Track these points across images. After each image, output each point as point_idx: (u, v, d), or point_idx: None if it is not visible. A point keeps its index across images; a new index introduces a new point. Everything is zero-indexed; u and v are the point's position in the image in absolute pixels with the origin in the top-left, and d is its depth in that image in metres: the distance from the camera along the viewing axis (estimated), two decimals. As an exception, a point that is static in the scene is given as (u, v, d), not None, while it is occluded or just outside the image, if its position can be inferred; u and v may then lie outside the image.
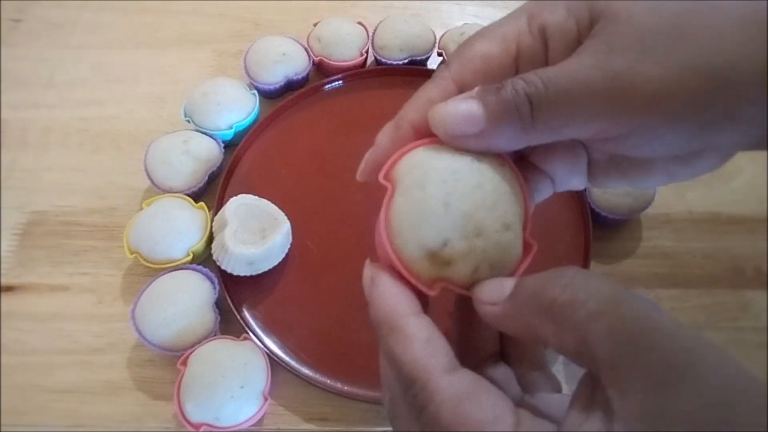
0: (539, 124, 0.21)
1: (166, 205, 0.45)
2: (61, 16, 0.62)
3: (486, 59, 0.23)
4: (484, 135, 0.22)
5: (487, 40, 0.24)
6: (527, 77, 0.21)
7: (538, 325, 0.20)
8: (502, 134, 0.22)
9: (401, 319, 0.21)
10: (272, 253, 0.44)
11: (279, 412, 0.41)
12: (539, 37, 0.23)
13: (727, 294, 0.47)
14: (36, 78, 0.58)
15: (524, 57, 0.23)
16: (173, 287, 0.42)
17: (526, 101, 0.21)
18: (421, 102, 0.24)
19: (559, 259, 0.46)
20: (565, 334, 0.19)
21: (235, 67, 0.58)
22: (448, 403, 0.19)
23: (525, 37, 0.23)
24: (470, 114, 0.21)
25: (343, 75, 0.56)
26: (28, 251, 0.48)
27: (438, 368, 0.20)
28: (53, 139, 0.54)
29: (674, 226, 0.50)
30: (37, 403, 0.41)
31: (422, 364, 0.20)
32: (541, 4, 0.23)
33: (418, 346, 0.20)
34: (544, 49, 0.23)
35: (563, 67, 0.21)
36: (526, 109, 0.21)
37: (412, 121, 0.24)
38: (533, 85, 0.21)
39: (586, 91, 0.21)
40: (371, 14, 0.62)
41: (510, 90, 0.21)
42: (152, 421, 0.41)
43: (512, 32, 0.23)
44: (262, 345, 0.42)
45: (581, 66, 0.21)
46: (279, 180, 0.50)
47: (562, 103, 0.21)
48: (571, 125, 0.21)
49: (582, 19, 0.22)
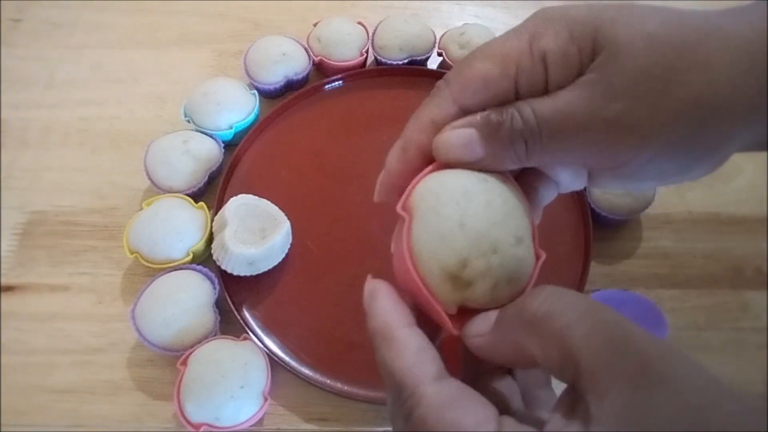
0: (533, 158, 0.23)
1: (166, 205, 0.45)
2: (61, 16, 0.62)
3: (486, 81, 0.24)
4: (484, 161, 0.24)
5: (489, 60, 0.24)
6: (524, 112, 0.23)
7: (523, 341, 0.21)
8: (500, 162, 0.24)
9: (395, 330, 0.22)
10: (272, 253, 0.44)
11: (279, 412, 0.41)
12: (540, 61, 0.23)
13: (727, 294, 0.47)
14: (36, 78, 0.58)
15: (523, 79, 0.24)
16: (173, 287, 0.42)
17: (521, 139, 0.23)
18: (424, 123, 0.25)
19: (560, 259, 0.46)
20: (548, 345, 0.20)
21: (235, 67, 0.58)
22: (433, 409, 0.20)
23: (525, 59, 0.23)
24: (469, 143, 0.23)
25: (343, 75, 0.56)
26: (28, 251, 0.48)
27: (426, 376, 0.21)
28: (53, 139, 0.54)
29: (674, 226, 0.50)
30: (37, 403, 0.41)
31: (412, 371, 0.21)
32: (544, 25, 0.24)
33: (409, 355, 0.22)
34: (543, 72, 0.23)
35: (558, 102, 0.22)
36: (521, 147, 0.23)
37: (417, 143, 0.25)
38: (528, 124, 0.23)
39: (578, 131, 0.22)
40: (371, 14, 0.62)
41: (507, 128, 0.23)
42: (152, 421, 0.41)
43: (513, 53, 0.24)
44: (262, 345, 0.42)
45: (576, 106, 0.22)
46: (279, 180, 0.50)
47: (555, 141, 0.23)
48: (563, 160, 0.23)
49: (584, 48, 0.23)
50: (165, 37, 0.61)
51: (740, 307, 0.46)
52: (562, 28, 0.23)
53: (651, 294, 0.46)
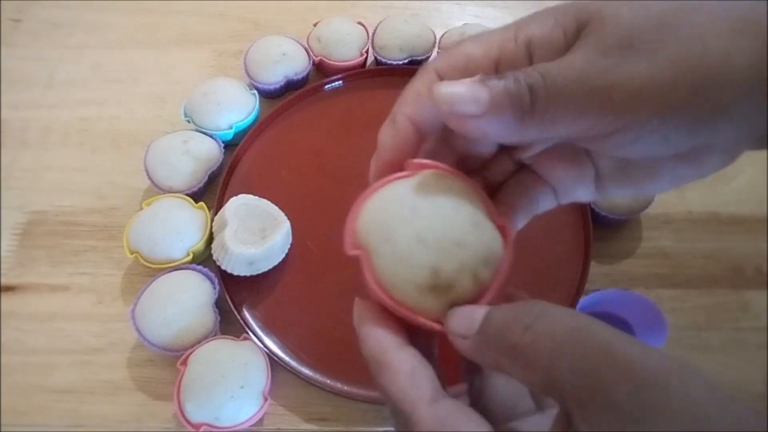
0: (537, 114, 0.22)
1: (166, 205, 0.45)
2: (61, 16, 0.62)
3: (467, 58, 0.24)
4: (485, 118, 0.22)
5: (474, 43, 0.25)
6: (527, 70, 0.22)
7: (505, 364, 0.20)
8: (500, 120, 0.22)
9: (386, 354, 0.22)
10: (272, 253, 0.44)
11: (279, 412, 0.41)
12: (523, 47, 0.24)
13: (727, 294, 0.47)
14: (36, 78, 0.58)
15: (505, 61, 0.24)
16: (173, 287, 0.42)
17: (527, 91, 0.22)
18: (411, 95, 0.25)
19: (559, 259, 0.46)
20: (530, 374, 0.19)
21: (235, 67, 0.58)
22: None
23: (509, 44, 0.24)
24: (475, 95, 0.22)
25: (343, 75, 0.56)
26: (28, 251, 0.48)
27: (421, 399, 0.21)
28: (53, 139, 0.54)
29: (674, 226, 0.50)
30: (37, 403, 0.41)
31: (407, 395, 0.21)
32: (531, 18, 0.24)
33: (402, 379, 0.22)
34: (527, 57, 0.24)
35: (558, 63, 0.22)
36: (527, 98, 0.22)
37: (406, 114, 0.25)
38: (533, 77, 0.22)
39: (578, 86, 0.21)
40: (371, 14, 0.62)
41: (512, 79, 0.22)
42: (152, 421, 0.41)
43: (497, 39, 0.24)
44: (262, 345, 0.42)
45: (573, 64, 0.22)
46: (279, 180, 0.50)
47: (558, 96, 0.22)
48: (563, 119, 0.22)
49: (569, 29, 0.23)
50: (165, 37, 0.61)
51: (740, 307, 0.46)
52: (546, 16, 0.24)
53: (651, 294, 0.46)
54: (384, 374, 0.22)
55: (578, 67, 0.21)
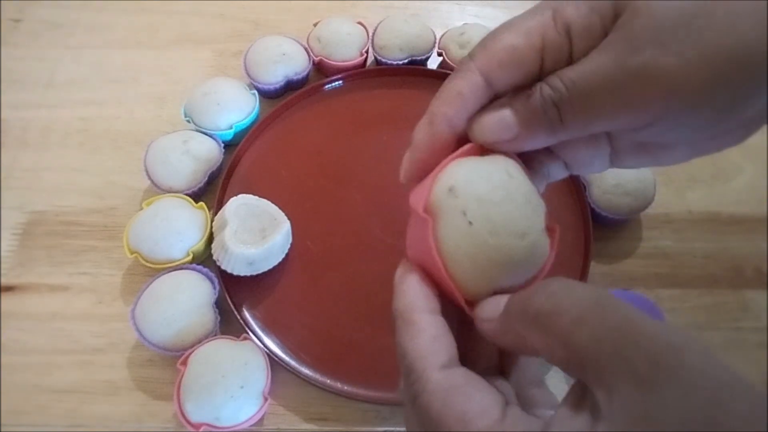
0: (567, 125, 0.23)
1: (166, 205, 0.45)
2: (61, 16, 0.62)
3: (511, 51, 0.24)
4: (518, 139, 0.24)
5: (513, 32, 0.24)
6: (552, 82, 0.23)
7: (527, 336, 0.20)
8: (534, 137, 0.24)
9: (416, 314, 0.23)
10: (272, 253, 0.44)
11: (279, 412, 0.41)
12: (564, 33, 0.23)
13: (727, 294, 0.47)
14: (36, 78, 0.58)
15: (549, 50, 0.24)
16: (173, 287, 0.42)
17: (552, 106, 0.23)
18: (451, 95, 0.25)
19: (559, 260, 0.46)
20: (552, 342, 0.19)
21: (235, 67, 0.58)
22: (438, 395, 0.20)
23: (550, 31, 0.24)
24: (504, 122, 0.24)
25: (343, 75, 0.56)
26: (28, 251, 0.48)
27: (436, 363, 0.21)
28: (53, 139, 0.54)
29: (674, 226, 0.50)
30: (37, 403, 0.41)
31: (423, 356, 0.22)
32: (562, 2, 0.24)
33: (424, 341, 0.22)
34: (568, 44, 0.24)
35: (585, 66, 0.22)
36: (554, 114, 0.23)
37: (443, 115, 0.25)
38: (558, 91, 0.23)
39: (606, 89, 0.22)
40: (371, 14, 0.62)
41: (538, 97, 0.23)
42: (152, 421, 0.41)
43: (537, 26, 0.24)
44: (262, 345, 0.42)
45: (601, 64, 0.22)
46: (279, 180, 0.50)
47: (586, 103, 0.22)
48: (596, 122, 0.23)
49: (606, 16, 0.23)
50: (165, 37, 0.61)
51: (740, 306, 0.46)
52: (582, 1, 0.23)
53: (651, 294, 0.46)
54: (408, 331, 0.22)
55: (606, 71, 0.22)
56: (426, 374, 0.21)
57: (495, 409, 0.20)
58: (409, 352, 0.22)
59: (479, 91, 0.24)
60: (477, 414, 0.19)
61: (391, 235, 0.47)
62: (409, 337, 0.22)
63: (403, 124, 0.54)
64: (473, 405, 0.20)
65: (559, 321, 0.19)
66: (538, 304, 0.20)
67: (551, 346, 0.19)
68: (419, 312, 0.23)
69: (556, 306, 0.19)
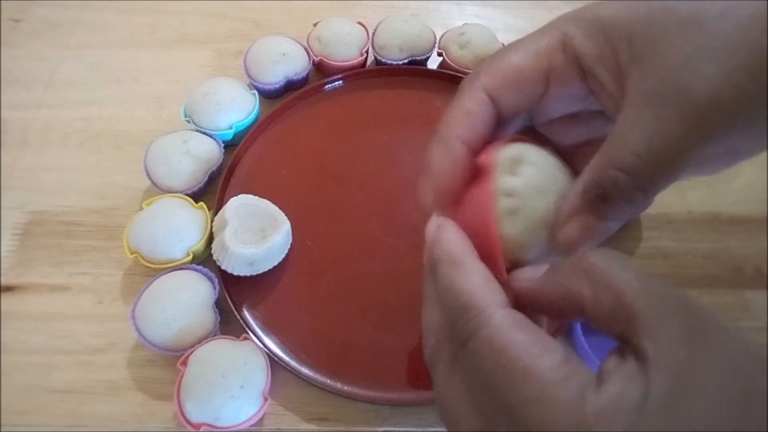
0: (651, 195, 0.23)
1: (166, 205, 0.45)
2: (61, 16, 0.62)
3: (518, 71, 0.24)
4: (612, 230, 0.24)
5: (521, 53, 0.24)
6: (618, 181, 0.22)
7: (575, 286, 0.20)
8: (620, 216, 0.24)
9: (466, 256, 0.23)
10: (272, 253, 0.44)
11: (279, 412, 0.41)
12: (574, 63, 0.24)
13: (727, 294, 0.47)
14: (36, 78, 0.58)
15: (556, 75, 0.24)
16: (173, 287, 0.42)
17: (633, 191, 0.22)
18: (460, 115, 0.25)
19: (559, 259, 0.46)
20: (601, 292, 0.20)
21: (235, 67, 0.58)
22: (502, 329, 0.20)
23: (557, 56, 0.24)
24: (590, 228, 0.23)
25: (343, 75, 0.56)
26: (28, 251, 0.48)
27: (496, 300, 0.21)
28: (53, 139, 0.54)
29: (674, 226, 0.50)
30: (37, 403, 0.41)
31: (482, 293, 0.21)
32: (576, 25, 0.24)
33: (478, 280, 0.22)
34: (578, 72, 0.24)
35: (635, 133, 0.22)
36: (629, 212, 0.23)
37: (459, 135, 0.25)
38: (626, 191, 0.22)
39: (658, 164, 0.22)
40: (371, 14, 0.62)
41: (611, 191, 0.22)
42: (152, 421, 0.41)
43: (545, 49, 0.24)
44: (262, 345, 0.42)
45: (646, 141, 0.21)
46: (279, 180, 0.50)
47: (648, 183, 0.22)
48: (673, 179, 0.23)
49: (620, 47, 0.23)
50: (165, 37, 0.61)
51: (740, 307, 0.46)
52: (596, 30, 0.23)
53: (651, 294, 0.46)
54: (458, 272, 0.22)
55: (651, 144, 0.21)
56: (489, 309, 0.20)
57: (559, 351, 0.20)
58: (466, 290, 0.21)
59: (486, 109, 0.24)
60: (544, 350, 0.19)
61: (391, 235, 0.48)
62: (461, 278, 0.22)
63: (403, 124, 0.55)
64: (540, 341, 0.20)
65: (612, 275, 0.19)
66: (594, 258, 0.20)
67: (599, 294, 0.20)
68: (469, 255, 0.23)
69: (608, 265, 0.20)
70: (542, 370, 0.19)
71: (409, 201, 0.49)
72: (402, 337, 0.42)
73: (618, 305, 0.19)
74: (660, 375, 0.17)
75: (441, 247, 0.23)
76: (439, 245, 0.23)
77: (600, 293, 0.20)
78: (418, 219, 0.48)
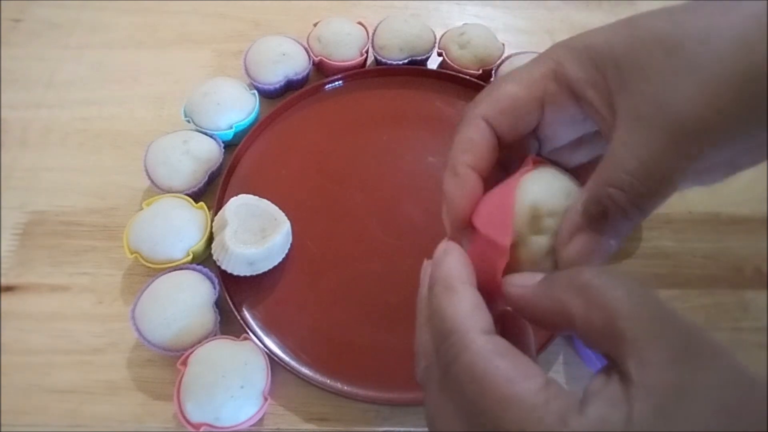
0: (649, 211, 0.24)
1: (166, 205, 0.45)
2: (61, 16, 0.62)
3: (513, 99, 0.26)
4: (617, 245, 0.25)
5: (515, 82, 0.26)
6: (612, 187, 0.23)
7: (568, 301, 0.21)
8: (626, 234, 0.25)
9: (459, 283, 0.23)
10: (272, 253, 0.44)
11: (279, 412, 0.41)
12: (565, 87, 0.25)
13: (727, 294, 0.47)
14: (36, 78, 0.58)
15: (550, 101, 0.25)
16: (173, 287, 0.42)
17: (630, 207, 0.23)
18: (465, 143, 0.26)
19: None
20: (593, 310, 0.20)
21: (235, 67, 0.58)
22: (483, 354, 0.20)
23: (550, 83, 0.25)
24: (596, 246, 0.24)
25: (343, 75, 0.56)
26: (28, 251, 0.48)
27: (478, 327, 0.22)
28: (53, 139, 0.54)
29: (674, 226, 0.50)
30: (37, 403, 0.41)
31: (466, 319, 0.22)
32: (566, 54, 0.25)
33: (466, 305, 0.22)
34: (569, 97, 0.25)
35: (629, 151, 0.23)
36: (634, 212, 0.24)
37: (468, 163, 0.26)
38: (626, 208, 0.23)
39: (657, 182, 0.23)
40: (371, 14, 0.62)
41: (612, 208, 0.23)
42: (152, 421, 0.41)
43: (538, 77, 0.25)
44: (262, 345, 0.42)
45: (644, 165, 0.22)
46: (279, 180, 0.50)
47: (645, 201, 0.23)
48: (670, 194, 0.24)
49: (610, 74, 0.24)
50: (165, 37, 0.61)
51: (740, 307, 0.46)
52: (585, 57, 0.24)
53: (651, 294, 0.46)
54: (449, 297, 0.23)
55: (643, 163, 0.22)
56: (470, 335, 0.21)
57: (540, 376, 0.20)
58: (450, 315, 0.22)
59: (487, 136, 0.26)
60: (524, 376, 0.20)
61: (391, 235, 0.48)
62: (449, 303, 0.23)
63: (403, 124, 0.55)
64: (520, 367, 0.20)
65: (605, 293, 0.20)
66: (590, 275, 0.21)
67: (590, 312, 0.20)
68: (462, 282, 0.23)
69: (604, 282, 0.20)
70: (522, 397, 0.19)
71: (409, 201, 0.49)
72: (402, 337, 0.42)
73: (608, 325, 0.19)
74: (644, 399, 0.17)
75: (440, 270, 0.24)
76: (439, 269, 0.24)
77: (591, 311, 0.20)
78: (418, 219, 0.48)
